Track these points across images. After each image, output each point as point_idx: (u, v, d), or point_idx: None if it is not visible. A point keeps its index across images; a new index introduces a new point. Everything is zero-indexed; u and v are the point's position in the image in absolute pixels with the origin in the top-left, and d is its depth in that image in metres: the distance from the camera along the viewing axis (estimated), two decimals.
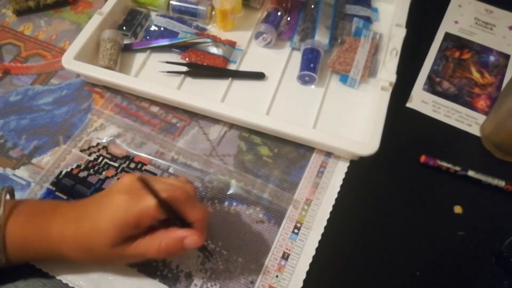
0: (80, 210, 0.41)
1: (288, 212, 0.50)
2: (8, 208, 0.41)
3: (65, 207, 0.42)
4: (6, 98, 0.58)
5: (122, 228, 0.37)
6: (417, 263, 0.47)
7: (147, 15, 0.65)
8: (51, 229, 0.40)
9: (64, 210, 0.41)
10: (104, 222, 0.38)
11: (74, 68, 0.56)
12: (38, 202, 0.44)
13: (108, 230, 0.37)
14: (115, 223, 0.37)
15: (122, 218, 0.37)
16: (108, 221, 0.37)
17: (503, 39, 0.66)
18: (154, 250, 0.39)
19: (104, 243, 0.38)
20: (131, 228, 0.38)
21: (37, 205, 0.43)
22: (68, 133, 0.55)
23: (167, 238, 0.39)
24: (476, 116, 0.58)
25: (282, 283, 0.45)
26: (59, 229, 0.40)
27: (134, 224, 0.37)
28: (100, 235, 0.38)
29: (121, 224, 0.37)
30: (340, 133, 0.54)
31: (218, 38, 0.62)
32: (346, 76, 0.59)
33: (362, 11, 0.65)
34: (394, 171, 0.53)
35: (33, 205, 0.43)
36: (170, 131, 0.56)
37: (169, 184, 0.40)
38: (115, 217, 0.37)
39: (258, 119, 0.52)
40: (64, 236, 0.40)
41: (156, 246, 0.39)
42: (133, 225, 0.37)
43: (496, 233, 0.49)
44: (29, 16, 0.66)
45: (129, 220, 0.37)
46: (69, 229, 0.39)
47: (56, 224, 0.40)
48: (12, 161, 0.52)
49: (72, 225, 0.40)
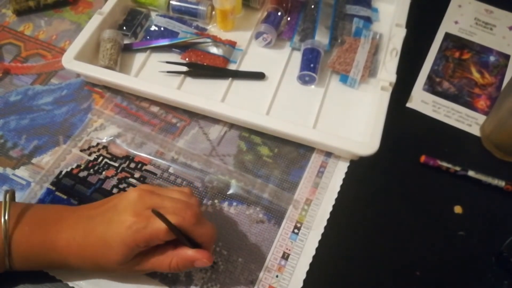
0: (87, 222, 0.40)
1: (288, 212, 0.50)
2: (14, 215, 0.40)
3: (71, 217, 0.41)
4: (6, 98, 0.58)
5: (131, 249, 0.38)
6: (417, 263, 0.47)
7: (147, 15, 0.65)
8: (57, 241, 0.40)
9: (70, 220, 0.41)
10: (113, 240, 0.38)
11: (74, 68, 0.56)
12: (42, 209, 0.43)
13: (118, 248, 0.38)
14: (125, 243, 0.37)
15: (131, 240, 0.37)
16: (118, 240, 0.37)
17: (503, 39, 0.66)
18: (165, 267, 0.40)
19: (113, 259, 0.38)
20: (141, 248, 0.38)
21: (42, 212, 0.42)
22: (68, 133, 0.55)
23: (178, 257, 0.39)
24: (476, 116, 0.58)
25: (282, 283, 0.45)
26: (66, 241, 0.39)
27: (143, 245, 0.38)
28: (109, 251, 0.38)
29: (130, 245, 0.37)
30: (340, 133, 0.54)
31: (218, 38, 0.62)
32: (346, 76, 0.59)
33: (362, 11, 0.65)
34: (394, 171, 0.53)
35: (38, 213, 0.42)
36: (170, 131, 0.56)
37: (177, 202, 0.39)
38: (124, 237, 0.37)
39: (258, 119, 0.52)
40: (71, 248, 0.39)
41: (167, 264, 0.39)
42: (143, 246, 0.38)
43: (496, 233, 0.49)
44: (29, 16, 0.66)
45: (139, 242, 0.37)
46: (76, 242, 0.39)
47: (62, 236, 0.40)
48: (12, 161, 0.52)
49: (79, 239, 0.39)
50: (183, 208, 0.39)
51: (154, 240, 0.38)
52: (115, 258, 0.38)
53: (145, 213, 0.38)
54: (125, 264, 0.39)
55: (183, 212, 0.38)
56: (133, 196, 0.39)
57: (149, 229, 0.37)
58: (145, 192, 0.40)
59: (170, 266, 0.39)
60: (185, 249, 0.40)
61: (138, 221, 0.37)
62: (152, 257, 0.40)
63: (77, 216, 0.41)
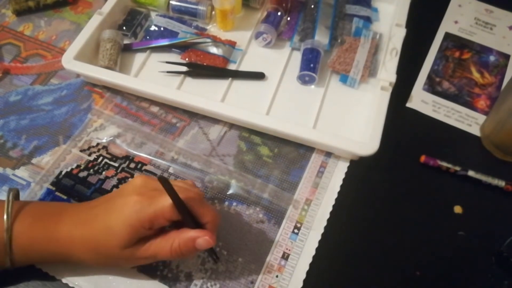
0: (89, 211, 0.40)
1: (288, 212, 0.50)
2: (15, 210, 0.40)
3: (72, 209, 0.42)
4: (6, 98, 0.58)
5: (136, 229, 0.37)
6: (417, 263, 0.47)
7: (147, 15, 0.65)
8: (58, 232, 0.40)
9: (71, 212, 0.41)
10: (116, 223, 0.37)
11: (74, 68, 0.56)
12: (44, 204, 0.44)
13: (121, 231, 0.37)
14: (129, 223, 0.37)
15: (136, 219, 0.37)
16: (121, 222, 0.37)
17: (503, 39, 0.66)
18: (166, 251, 0.39)
19: (115, 244, 0.38)
20: (145, 229, 0.38)
21: (43, 207, 0.43)
22: (68, 133, 0.55)
23: (179, 238, 0.39)
24: (476, 116, 0.58)
25: (282, 283, 0.45)
26: (67, 231, 0.40)
27: (148, 225, 0.37)
28: (112, 236, 0.38)
29: (134, 225, 0.37)
30: (340, 133, 0.54)
31: (218, 38, 0.62)
32: (346, 76, 0.59)
33: (362, 11, 0.64)
34: (394, 171, 0.53)
35: (39, 208, 0.42)
36: (170, 131, 0.56)
37: (180, 186, 0.40)
38: (128, 218, 0.37)
39: (258, 119, 0.52)
40: (72, 238, 0.39)
41: (168, 247, 0.39)
42: (147, 226, 0.38)
43: (496, 233, 0.49)
44: (29, 16, 0.66)
45: (143, 221, 0.37)
46: (77, 231, 0.39)
47: (64, 227, 0.40)
48: (12, 161, 0.52)
49: (81, 227, 0.39)
50: (186, 188, 0.39)
51: (158, 219, 0.37)
52: (118, 243, 0.38)
53: (149, 193, 0.38)
54: (127, 248, 0.38)
55: (186, 191, 0.39)
56: (137, 180, 0.40)
57: (154, 207, 0.37)
58: (148, 177, 0.41)
59: (172, 248, 0.39)
60: (187, 230, 0.39)
61: (142, 200, 0.37)
62: (154, 241, 0.39)
63: (79, 208, 0.42)
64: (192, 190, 0.40)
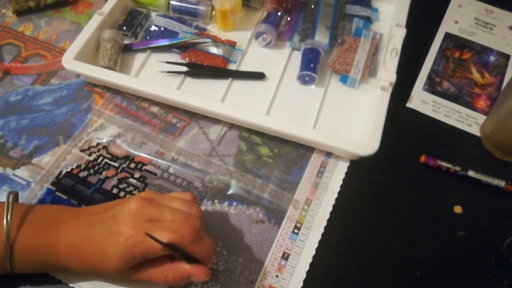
0: (87, 228, 0.40)
1: (288, 212, 0.50)
2: (16, 216, 0.40)
3: (72, 221, 0.41)
4: (6, 98, 0.58)
5: (128, 260, 0.38)
6: (417, 263, 0.47)
7: (147, 15, 0.65)
8: (58, 243, 0.40)
9: (71, 223, 0.41)
10: (110, 250, 0.38)
11: (74, 68, 0.56)
12: (45, 210, 0.43)
13: (114, 258, 0.38)
14: (121, 254, 0.38)
15: (128, 252, 0.38)
16: (115, 251, 0.38)
17: (503, 39, 0.66)
18: (161, 280, 0.40)
19: (110, 268, 0.39)
20: (137, 260, 0.39)
21: (44, 214, 0.42)
22: (68, 133, 0.55)
23: (174, 272, 0.40)
24: (476, 116, 0.58)
25: (282, 283, 0.46)
26: (66, 244, 0.40)
27: (140, 258, 0.38)
28: (106, 261, 0.39)
29: (126, 256, 0.38)
30: (340, 133, 0.54)
31: (218, 38, 0.62)
32: (346, 76, 0.59)
33: (362, 11, 0.65)
34: (394, 171, 0.53)
35: (40, 214, 0.42)
36: (170, 131, 0.56)
37: (177, 215, 0.39)
38: (121, 249, 0.38)
39: (258, 119, 0.52)
40: (71, 252, 0.40)
41: (163, 277, 0.40)
42: (139, 259, 0.38)
43: (496, 233, 0.49)
44: (29, 16, 0.66)
45: (135, 255, 0.38)
46: (76, 247, 0.40)
47: (63, 239, 0.40)
48: (12, 161, 0.52)
49: (79, 243, 0.40)
50: (182, 222, 0.39)
51: (150, 254, 0.38)
52: (113, 267, 0.39)
53: (143, 226, 0.38)
54: (122, 273, 0.39)
55: (181, 228, 0.38)
56: (133, 207, 0.40)
57: (146, 244, 0.37)
58: (145, 203, 0.40)
59: (167, 280, 0.40)
60: (182, 263, 0.40)
61: (136, 235, 0.38)
62: (149, 269, 0.40)
63: (79, 220, 0.42)
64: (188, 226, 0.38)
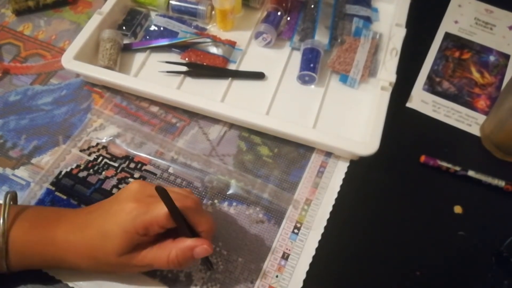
0: (86, 217, 0.40)
1: (288, 212, 0.50)
2: (12, 214, 0.40)
3: (70, 214, 0.42)
4: (6, 98, 0.58)
5: (131, 235, 0.37)
6: (417, 263, 0.47)
7: (147, 15, 0.65)
8: (56, 236, 0.39)
9: (68, 217, 0.41)
10: (111, 228, 0.37)
11: (73, 68, 0.56)
12: (42, 208, 0.44)
13: (116, 236, 0.37)
14: (124, 229, 0.37)
15: (131, 226, 0.37)
16: (116, 228, 0.37)
17: (503, 39, 0.66)
18: (163, 260, 0.39)
19: (111, 250, 0.38)
20: (139, 235, 0.38)
21: (41, 212, 0.43)
22: (67, 133, 0.55)
23: (176, 248, 0.39)
24: (476, 116, 0.58)
25: (282, 283, 0.45)
26: (64, 236, 0.39)
27: (142, 231, 0.37)
28: (107, 242, 0.38)
29: (129, 231, 0.37)
30: (340, 133, 0.54)
31: (218, 38, 0.62)
32: (346, 76, 0.59)
33: (362, 11, 0.64)
34: (394, 171, 0.53)
35: (37, 212, 0.42)
36: (170, 131, 0.56)
37: (177, 193, 0.39)
38: (123, 224, 0.37)
39: (258, 119, 0.52)
40: (69, 243, 0.39)
41: (165, 256, 0.39)
42: (142, 233, 0.37)
43: (496, 233, 0.49)
44: (29, 16, 0.66)
45: (138, 228, 0.37)
46: (74, 236, 0.39)
47: (61, 231, 0.40)
48: (12, 161, 0.52)
49: (78, 232, 0.39)
50: (183, 196, 0.39)
51: (153, 226, 0.37)
52: (114, 249, 0.38)
53: (145, 200, 0.38)
54: (123, 255, 0.38)
55: (183, 198, 0.38)
56: (134, 186, 0.40)
57: (149, 215, 0.37)
58: (145, 183, 0.40)
59: (169, 258, 0.39)
60: (184, 239, 0.39)
61: (138, 207, 0.37)
62: (150, 250, 0.39)
63: (76, 213, 0.42)
64: (189, 198, 0.39)
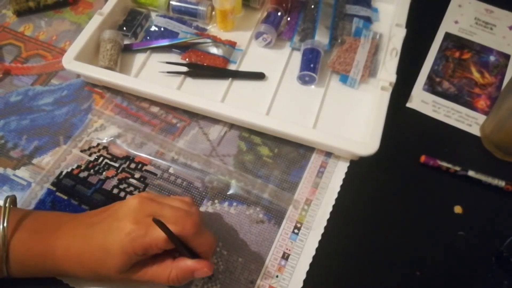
0: (87, 230, 0.40)
1: (288, 212, 0.50)
2: (12, 220, 0.40)
3: (70, 224, 0.41)
4: (7, 99, 0.58)
5: (129, 256, 0.38)
6: (417, 263, 0.47)
7: (147, 16, 0.65)
8: (55, 247, 0.39)
9: (69, 226, 0.41)
10: (112, 247, 0.38)
11: (74, 69, 0.56)
12: (41, 215, 0.43)
13: (116, 256, 0.37)
14: (123, 250, 0.37)
15: (130, 247, 0.37)
16: (116, 248, 0.37)
17: (503, 39, 0.66)
18: (164, 279, 0.39)
19: (111, 268, 0.38)
20: (139, 256, 0.38)
21: (40, 219, 0.42)
22: (68, 133, 0.55)
23: (177, 269, 0.39)
24: (476, 116, 0.58)
25: (282, 283, 0.46)
26: (64, 247, 0.39)
27: (141, 252, 0.38)
28: (108, 259, 0.38)
29: (128, 252, 0.37)
30: (340, 133, 0.54)
31: (218, 38, 0.62)
32: (346, 76, 0.59)
33: (362, 11, 0.65)
34: (394, 171, 0.53)
35: (36, 220, 0.42)
36: (170, 132, 0.56)
37: (177, 211, 0.39)
38: (122, 244, 0.37)
39: (258, 119, 0.52)
40: (69, 254, 0.39)
41: (166, 275, 0.39)
42: (141, 254, 0.38)
43: (496, 233, 0.49)
44: (30, 16, 0.66)
45: (137, 250, 0.37)
46: (74, 249, 0.39)
47: (61, 242, 0.40)
48: (13, 161, 0.53)
49: (78, 245, 0.39)
50: (183, 216, 0.39)
51: (152, 249, 0.38)
52: (114, 266, 0.38)
53: (145, 220, 0.38)
54: (123, 272, 0.39)
55: (183, 221, 0.38)
56: (133, 203, 0.39)
57: (148, 238, 0.37)
58: (145, 200, 0.40)
59: (169, 278, 0.39)
60: (184, 259, 0.39)
61: (138, 229, 0.37)
62: (151, 268, 0.39)
63: (77, 223, 0.41)
64: (189, 220, 0.38)
